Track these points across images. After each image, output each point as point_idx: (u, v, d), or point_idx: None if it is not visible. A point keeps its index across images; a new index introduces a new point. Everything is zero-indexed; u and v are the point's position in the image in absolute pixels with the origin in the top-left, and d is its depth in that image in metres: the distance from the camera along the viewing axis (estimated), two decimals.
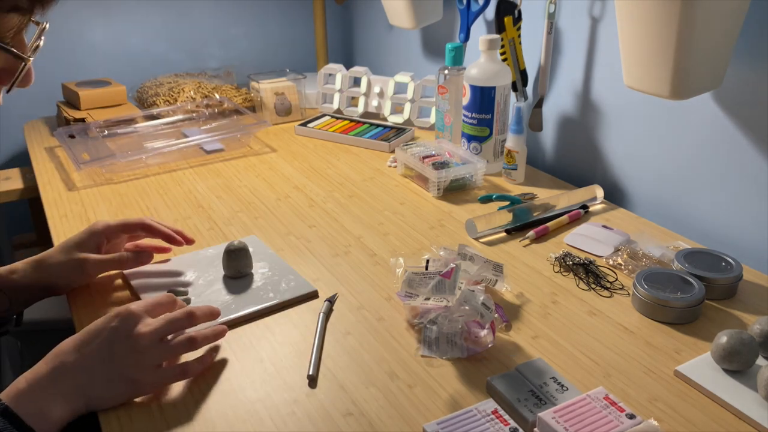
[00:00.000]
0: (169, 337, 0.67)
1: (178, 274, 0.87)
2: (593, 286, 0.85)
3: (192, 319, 0.69)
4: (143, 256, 0.84)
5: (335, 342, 0.75)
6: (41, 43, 0.58)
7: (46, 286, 0.80)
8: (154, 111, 1.46)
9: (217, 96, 1.52)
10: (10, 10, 0.51)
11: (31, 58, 0.56)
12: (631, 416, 0.59)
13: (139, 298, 0.82)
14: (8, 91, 0.57)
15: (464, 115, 1.19)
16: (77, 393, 0.61)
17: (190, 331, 0.69)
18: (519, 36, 1.21)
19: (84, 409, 0.62)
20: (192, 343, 0.68)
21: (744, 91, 0.91)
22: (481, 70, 1.14)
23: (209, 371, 0.70)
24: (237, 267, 0.85)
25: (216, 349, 0.73)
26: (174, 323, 0.67)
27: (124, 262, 0.83)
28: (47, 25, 0.58)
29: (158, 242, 0.88)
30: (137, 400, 0.66)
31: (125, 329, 0.64)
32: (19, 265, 0.80)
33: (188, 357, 0.69)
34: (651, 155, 1.07)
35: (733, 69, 0.89)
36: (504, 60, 1.21)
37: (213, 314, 0.73)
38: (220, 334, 0.72)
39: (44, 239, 1.53)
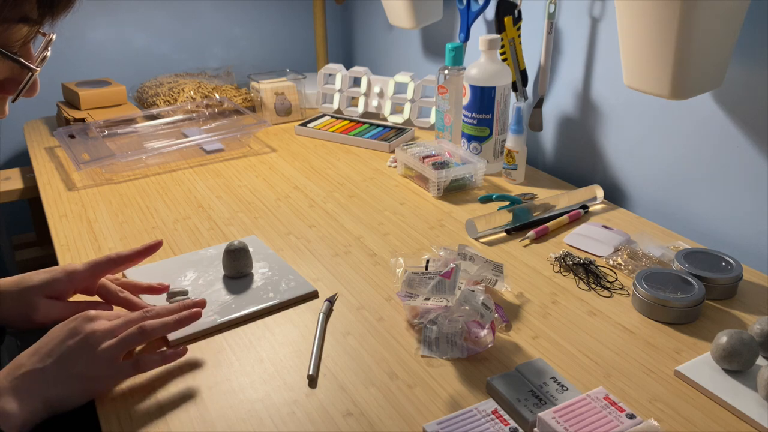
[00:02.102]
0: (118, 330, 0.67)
1: (179, 274, 0.87)
2: (593, 286, 0.85)
3: (147, 314, 0.69)
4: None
5: (335, 342, 0.75)
6: (48, 54, 0.58)
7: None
8: (154, 111, 1.46)
9: (217, 96, 1.52)
10: (19, 20, 0.51)
11: (38, 69, 0.56)
12: (631, 416, 0.59)
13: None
14: (14, 101, 0.57)
15: (464, 115, 1.19)
16: (33, 392, 0.61)
17: (145, 322, 0.68)
18: (519, 36, 1.21)
19: (43, 411, 0.61)
20: (143, 333, 0.66)
21: (744, 91, 0.91)
22: (481, 70, 1.14)
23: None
24: (237, 267, 0.85)
25: (183, 345, 0.72)
26: (129, 319, 0.68)
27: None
28: (54, 37, 0.57)
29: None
30: (137, 398, 0.66)
31: (79, 328, 0.65)
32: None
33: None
34: (651, 155, 1.07)
35: (733, 69, 0.89)
36: (504, 60, 1.21)
37: (175, 309, 0.71)
38: (179, 323, 0.69)
39: (44, 239, 1.53)
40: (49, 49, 0.58)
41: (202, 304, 0.73)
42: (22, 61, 0.54)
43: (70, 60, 1.62)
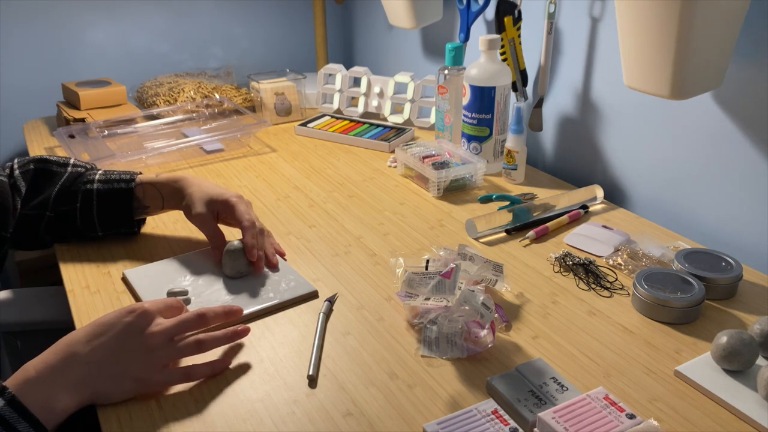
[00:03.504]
0: (177, 338, 0.67)
1: (179, 273, 0.87)
2: (593, 286, 0.85)
3: (202, 320, 0.69)
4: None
5: (335, 342, 0.75)
6: None
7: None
8: (154, 111, 1.46)
9: (217, 96, 1.52)
10: None
11: None
12: (631, 416, 0.59)
13: (139, 298, 0.82)
14: None
15: (464, 115, 1.19)
16: (85, 385, 0.62)
17: (201, 334, 0.69)
18: (519, 36, 1.21)
19: (88, 401, 0.63)
20: (200, 346, 0.68)
21: (744, 90, 0.91)
22: (481, 70, 1.14)
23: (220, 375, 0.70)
24: (237, 267, 0.85)
25: (232, 352, 0.72)
26: (185, 324, 0.68)
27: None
28: None
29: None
30: (137, 399, 0.66)
31: (138, 326, 0.65)
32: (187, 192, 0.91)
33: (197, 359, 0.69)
34: (651, 155, 1.07)
35: (733, 69, 0.89)
36: (504, 60, 1.21)
37: (228, 314, 0.73)
38: (234, 336, 0.71)
39: None
40: None
41: (238, 314, 0.75)
42: None
43: (70, 60, 1.62)
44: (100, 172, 0.94)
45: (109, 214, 0.92)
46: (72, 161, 0.95)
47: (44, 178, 0.92)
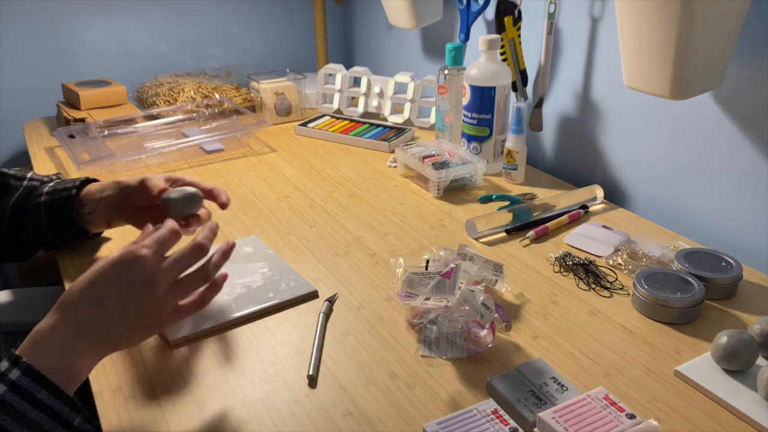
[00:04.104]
0: (180, 276, 0.66)
1: None
2: (593, 286, 0.85)
3: (203, 251, 0.67)
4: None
5: (335, 342, 0.75)
6: None
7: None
8: (154, 111, 1.46)
9: (217, 96, 1.52)
10: None
11: None
12: (631, 416, 0.59)
13: None
14: None
15: (464, 115, 1.19)
16: (100, 346, 0.60)
17: (201, 265, 0.67)
18: (519, 36, 1.21)
19: (107, 354, 0.62)
20: (206, 277, 0.66)
21: (744, 91, 0.91)
22: (481, 70, 1.14)
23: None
24: (183, 209, 0.82)
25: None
26: (185, 260, 0.65)
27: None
28: None
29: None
30: (137, 397, 0.66)
31: (141, 279, 0.61)
32: (106, 183, 0.88)
33: None
34: (651, 155, 1.07)
35: (733, 69, 0.89)
36: (504, 60, 1.21)
37: (215, 232, 0.71)
38: (227, 253, 0.69)
39: None
40: None
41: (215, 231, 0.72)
42: None
43: (70, 60, 1.62)
44: (51, 184, 0.90)
45: (57, 224, 0.88)
46: (29, 175, 0.92)
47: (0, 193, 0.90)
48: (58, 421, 0.55)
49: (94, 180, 0.92)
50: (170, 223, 0.68)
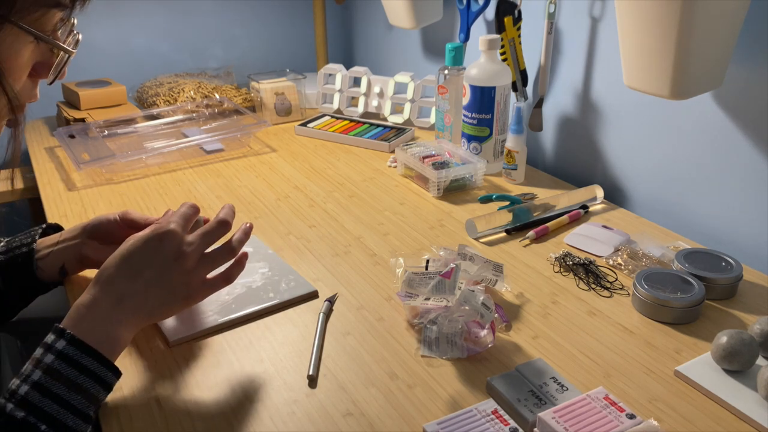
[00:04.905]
0: (208, 250, 0.70)
1: None
2: (593, 286, 0.85)
3: (226, 226, 0.72)
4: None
5: (335, 342, 0.75)
6: (80, 37, 0.61)
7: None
8: (154, 111, 1.46)
9: (217, 96, 1.52)
10: (54, 5, 0.55)
11: (74, 52, 0.59)
12: (631, 416, 0.59)
13: None
14: (50, 83, 0.61)
15: (464, 115, 1.19)
16: (138, 317, 0.65)
17: (226, 241, 0.72)
18: (519, 36, 1.21)
19: (144, 324, 0.66)
20: (232, 251, 0.71)
21: (744, 91, 0.91)
22: (481, 70, 1.14)
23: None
24: None
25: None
26: (211, 235, 0.70)
27: None
28: (76, 21, 0.61)
29: None
30: (137, 398, 0.66)
31: (173, 252, 0.67)
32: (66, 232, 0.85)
33: None
34: (651, 155, 1.07)
35: (733, 69, 0.89)
36: (504, 60, 1.21)
37: (234, 211, 0.75)
38: (248, 231, 0.74)
39: None
40: (79, 33, 0.62)
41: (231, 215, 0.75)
42: (62, 44, 0.58)
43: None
44: (1, 243, 0.84)
45: (15, 282, 0.82)
46: None
47: None
48: (101, 384, 0.59)
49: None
50: (187, 203, 0.73)
